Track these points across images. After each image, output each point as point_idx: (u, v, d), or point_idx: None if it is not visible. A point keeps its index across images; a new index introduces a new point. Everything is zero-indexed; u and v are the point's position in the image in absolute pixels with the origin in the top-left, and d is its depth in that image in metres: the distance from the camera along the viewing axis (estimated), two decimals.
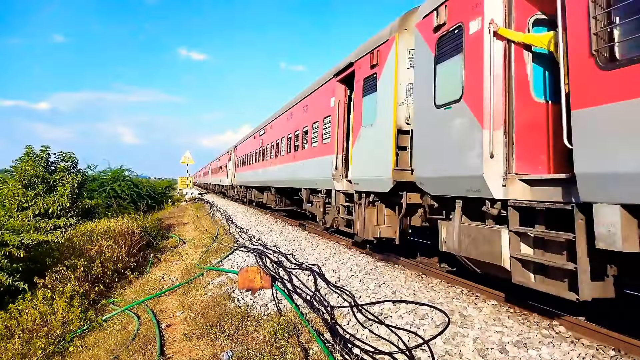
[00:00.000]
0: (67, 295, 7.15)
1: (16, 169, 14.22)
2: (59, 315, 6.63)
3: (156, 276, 9.98)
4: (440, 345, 4.52)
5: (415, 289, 6.47)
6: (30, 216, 12.87)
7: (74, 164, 15.68)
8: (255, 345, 4.97)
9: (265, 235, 13.92)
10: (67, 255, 9.34)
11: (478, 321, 5.05)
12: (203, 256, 11.22)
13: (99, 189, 23.10)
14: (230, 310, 6.30)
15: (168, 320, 6.73)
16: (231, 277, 8.37)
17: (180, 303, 7.52)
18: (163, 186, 41.35)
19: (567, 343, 4.45)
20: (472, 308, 5.52)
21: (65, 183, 14.35)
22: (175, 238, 16.16)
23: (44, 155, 14.68)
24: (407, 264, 8.39)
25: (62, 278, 8.13)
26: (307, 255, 9.87)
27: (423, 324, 5.08)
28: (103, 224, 12.64)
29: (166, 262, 11.81)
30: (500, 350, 4.31)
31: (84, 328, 6.82)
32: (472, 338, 4.61)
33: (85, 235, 11.05)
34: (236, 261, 9.87)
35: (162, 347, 5.49)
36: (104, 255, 9.87)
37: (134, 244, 11.84)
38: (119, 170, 25.66)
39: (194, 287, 8.31)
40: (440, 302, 5.75)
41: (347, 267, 8.30)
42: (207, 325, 5.82)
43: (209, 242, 13.29)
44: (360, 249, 10.19)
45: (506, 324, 4.96)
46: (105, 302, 8.28)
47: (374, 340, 4.80)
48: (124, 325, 6.75)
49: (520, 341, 4.48)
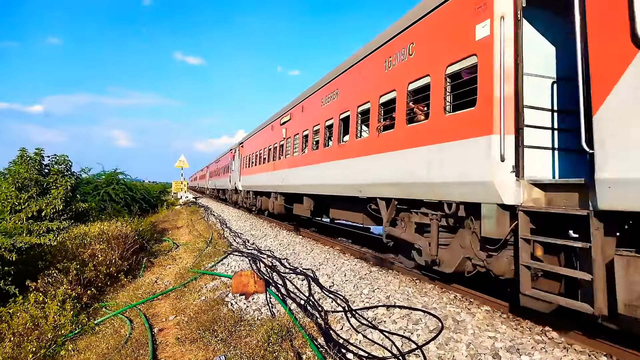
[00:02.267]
0: (59, 298, 7.10)
1: (9, 171, 14.13)
2: (51, 319, 6.58)
3: (149, 280, 9.93)
4: (434, 351, 4.53)
5: (409, 294, 6.48)
6: (23, 219, 12.79)
7: (68, 167, 15.60)
8: (248, 349, 4.95)
9: (260, 240, 13.88)
10: (60, 258, 9.28)
11: (471, 327, 5.07)
12: (197, 260, 11.17)
13: (93, 192, 22.96)
14: (224, 315, 6.28)
15: (161, 325, 6.69)
16: (225, 282, 8.35)
17: (173, 307, 7.49)
18: (157, 190, 41.14)
19: (559, 349, 4.48)
20: (466, 313, 5.53)
21: (59, 186, 14.27)
22: (169, 242, 16.08)
23: (37, 157, 14.59)
24: (402, 269, 8.40)
25: (55, 281, 8.08)
26: (302, 260, 9.87)
27: (417, 329, 5.09)
28: (96, 227, 12.57)
29: (159, 266, 11.75)
30: (493, 356, 4.32)
31: (76, 332, 6.77)
32: (465, 343, 4.63)
33: (78, 239, 10.98)
34: (230, 265, 9.84)
35: (155, 352, 5.46)
36: (97, 258, 9.82)
37: (127, 247, 11.77)
38: (113, 173, 25.53)
39: (187, 291, 8.28)
40: (434, 308, 5.76)
41: (342, 272, 8.30)
42: (200, 330, 5.80)
43: (203, 246, 13.24)
44: (355, 255, 10.16)
45: (499, 330, 4.99)
46: (98, 306, 8.22)
47: (368, 345, 4.80)
48: (116, 329, 6.71)
49: (513, 347, 4.50)
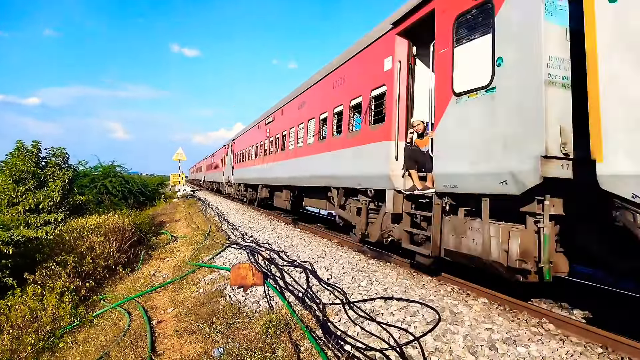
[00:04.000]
0: (57, 291, 7.11)
1: (6, 164, 14.07)
2: (49, 312, 6.60)
3: (147, 273, 9.94)
4: (431, 342, 4.56)
5: (406, 287, 6.51)
6: (21, 211, 12.78)
7: (65, 160, 15.55)
8: (246, 341, 4.98)
9: (258, 233, 13.90)
10: (58, 251, 9.29)
11: (468, 318, 5.10)
12: (195, 253, 11.18)
13: (90, 184, 22.92)
14: (222, 307, 6.30)
15: (159, 317, 6.71)
16: (223, 274, 8.36)
17: (171, 300, 7.51)
18: (155, 183, 41.11)
19: (555, 340, 4.51)
20: (463, 305, 5.57)
21: (56, 179, 14.24)
22: (167, 235, 16.09)
23: (34, 150, 14.54)
24: (399, 262, 8.42)
25: (53, 274, 8.09)
26: (300, 253, 9.89)
27: (414, 321, 5.12)
28: (94, 220, 12.57)
29: (158, 259, 11.77)
30: (490, 347, 4.35)
31: (75, 324, 6.79)
32: (462, 335, 4.66)
33: (75, 231, 10.98)
34: (228, 258, 9.86)
35: (153, 344, 5.48)
36: (95, 251, 9.83)
37: (125, 240, 11.79)
38: (110, 166, 25.46)
39: (185, 284, 8.29)
40: (431, 300, 5.79)
41: (339, 264, 8.33)
42: (199, 322, 5.82)
43: (201, 239, 13.25)
44: (353, 247, 10.22)
45: (496, 322, 5.02)
46: (96, 299, 8.24)
47: (365, 337, 4.82)
48: (114, 321, 6.73)
49: (510, 338, 4.53)
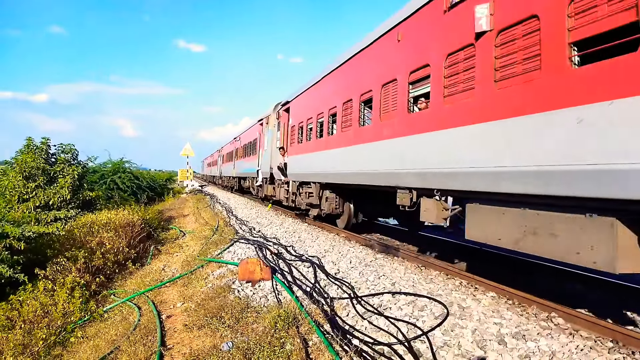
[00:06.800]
0: (67, 286, 7.19)
1: (17, 160, 14.23)
2: (60, 306, 6.67)
3: (157, 267, 10.02)
4: (439, 337, 4.54)
5: (414, 281, 6.49)
6: (31, 208, 12.93)
7: (75, 156, 15.70)
8: (255, 335, 5.00)
9: (266, 227, 13.94)
10: (68, 246, 9.38)
11: (477, 313, 5.07)
12: (203, 248, 11.25)
13: (100, 180, 23.11)
14: (231, 302, 6.33)
15: (169, 311, 6.76)
16: (231, 269, 8.40)
17: (180, 294, 7.56)
18: (163, 178, 41.39)
19: (565, 335, 4.47)
20: (471, 300, 5.54)
21: (66, 175, 14.38)
22: (175, 230, 16.19)
23: (44, 147, 14.68)
24: (407, 255, 8.41)
25: (63, 269, 8.18)
26: (307, 247, 9.90)
27: (422, 315, 5.10)
28: (103, 216, 12.68)
29: (166, 254, 11.85)
30: (499, 342, 4.33)
31: (85, 319, 6.86)
32: (470, 329, 4.63)
33: (85, 227, 11.09)
34: (236, 253, 9.90)
35: (163, 338, 5.52)
36: (105, 246, 9.92)
37: (134, 235, 11.89)
38: (119, 162, 25.65)
39: (194, 279, 8.34)
40: (440, 294, 5.77)
41: (347, 259, 8.32)
42: (208, 316, 5.85)
43: (209, 234, 13.32)
44: (360, 242, 10.20)
45: (505, 316, 4.98)
46: (106, 293, 8.32)
47: (373, 332, 4.82)
48: (124, 316, 6.79)
49: (519, 332, 4.49)
